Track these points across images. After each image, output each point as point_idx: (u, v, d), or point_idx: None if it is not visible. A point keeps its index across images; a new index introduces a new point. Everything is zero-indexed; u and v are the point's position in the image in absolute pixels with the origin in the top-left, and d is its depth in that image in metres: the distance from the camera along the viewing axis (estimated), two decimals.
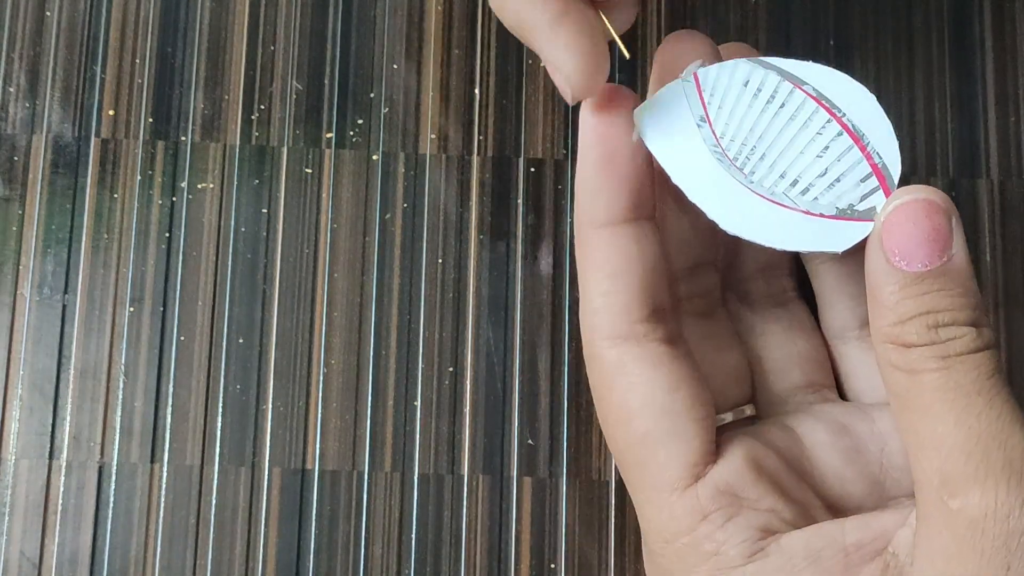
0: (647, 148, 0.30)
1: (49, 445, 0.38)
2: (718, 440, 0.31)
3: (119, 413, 0.38)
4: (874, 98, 0.30)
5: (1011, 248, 0.40)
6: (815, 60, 0.31)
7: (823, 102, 0.30)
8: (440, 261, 0.39)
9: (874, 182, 0.30)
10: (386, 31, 0.41)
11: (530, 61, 0.41)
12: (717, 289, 0.35)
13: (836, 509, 0.31)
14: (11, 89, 0.40)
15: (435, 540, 0.37)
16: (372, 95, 0.40)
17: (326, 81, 0.40)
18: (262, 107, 0.40)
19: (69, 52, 0.40)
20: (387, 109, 0.40)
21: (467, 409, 0.38)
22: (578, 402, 0.38)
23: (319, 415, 0.38)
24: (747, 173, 0.30)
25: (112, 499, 0.37)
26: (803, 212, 0.29)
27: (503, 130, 0.40)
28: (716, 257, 0.35)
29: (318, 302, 0.39)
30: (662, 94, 0.31)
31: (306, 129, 0.40)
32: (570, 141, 0.40)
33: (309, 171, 0.40)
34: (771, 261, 0.36)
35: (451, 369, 0.38)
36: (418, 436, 0.38)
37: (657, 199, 0.32)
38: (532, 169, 0.40)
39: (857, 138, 0.30)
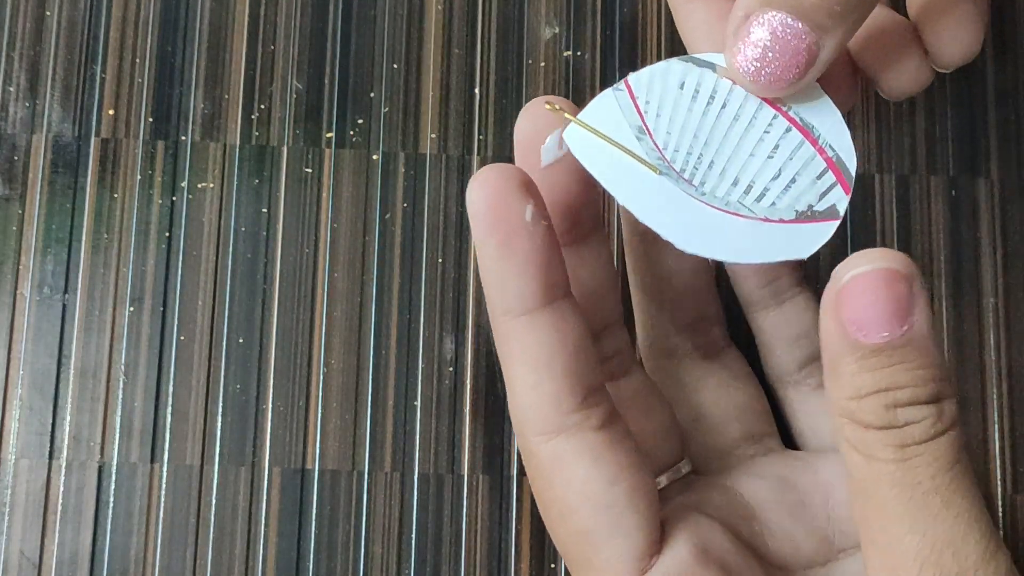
0: (584, 171, 0.28)
1: (49, 445, 0.38)
2: (663, 519, 0.30)
3: (119, 413, 0.38)
4: (817, 85, 0.28)
5: (1011, 247, 0.40)
6: None
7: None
8: (440, 261, 0.39)
9: (831, 178, 0.28)
10: (386, 31, 0.41)
11: (530, 61, 0.41)
12: (628, 347, 0.33)
13: (786, 568, 0.31)
14: (11, 89, 0.40)
15: (435, 540, 0.37)
16: (372, 95, 0.40)
17: (326, 81, 0.40)
18: (262, 107, 0.40)
19: (69, 52, 0.40)
20: (387, 109, 0.40)
21: (467, 409, 0.38)
22: None
23: (319, 415, 0.38)
24: (697, 184, 0.28)
25: (112, 499, 0.37)
26: (761, 220, 0.27)
27: (503, 130, 0.40)
28: (621, 316, 0.33)
29: (318, 302, 0.39)
30: (593, 107, 0.28)
31: (306, 129, 0.40)
32: None
33: (309, 171, 0.40)
34: (699, 313, 0.34)
35: (451, 369, 0.38)
36: (418, 436, 0.38)
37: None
38: None
39: (807, 132, 0.28)
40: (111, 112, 0.40)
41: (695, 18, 0.31)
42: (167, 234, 0.39)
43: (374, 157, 0.40)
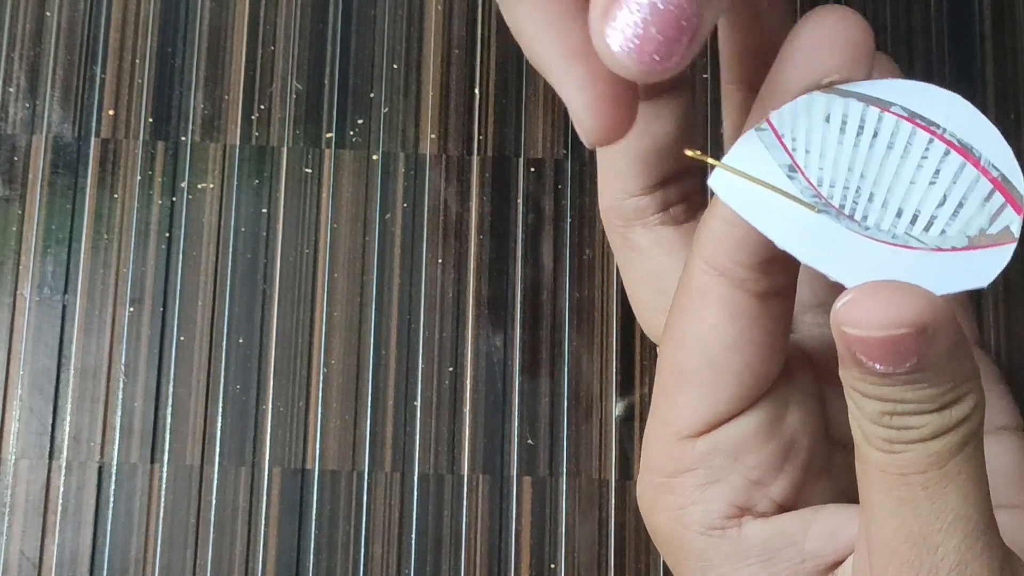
0: (740, 217, 0.27)
1: (49, 445, 0.38)
2: None
3: (119, 413, 0.38)
4: (970, 104, 0.27)
5: None
6: None
7: (918, 121, 0.27)
8: (440, 261, 0.39)
9: (999, 199, 0.26)
10: (386, 31, 0.41)
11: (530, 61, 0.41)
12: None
13: (847, 446, 0.29)
14: (11, 89, 0.40)
15: (435, 540, 0.37)
16: (372, 95, 0.40)
17: (326, 81, 0.40)
18: (262, 107, 0.40)
19: (69, 52, 0.40)
20: (387, 109, 0.40)
21: (467, 409, 0.38)
22: (578, 402, 0.38)
23: (319, 415, 0.38)
24: (860, 220, 0.26)
25: (112, 499, 0.37)
26: (933, 250, 0.26)
27: (503, 130, 0.40)
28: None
29: (318, 302, 0.39)
30: (737, 150, 0.27)
31: (306, 129, 0.40)
32: (570, 141, 0.40)
33: (309, 171, 0.40)
34: None
35: (451, 369, 0.38)
36: (418, 436, 0.38)
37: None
38: (532, 169, 0.40)
39: (967, 153, 0.27)
40: (111, 112, 0.40)
41: (537, 19, 0.29)
42: (167, 234, 0.39)
43: (374, 157, 0.40)
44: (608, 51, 0.26)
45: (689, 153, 0.28)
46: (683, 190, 0.31)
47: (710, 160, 0.27)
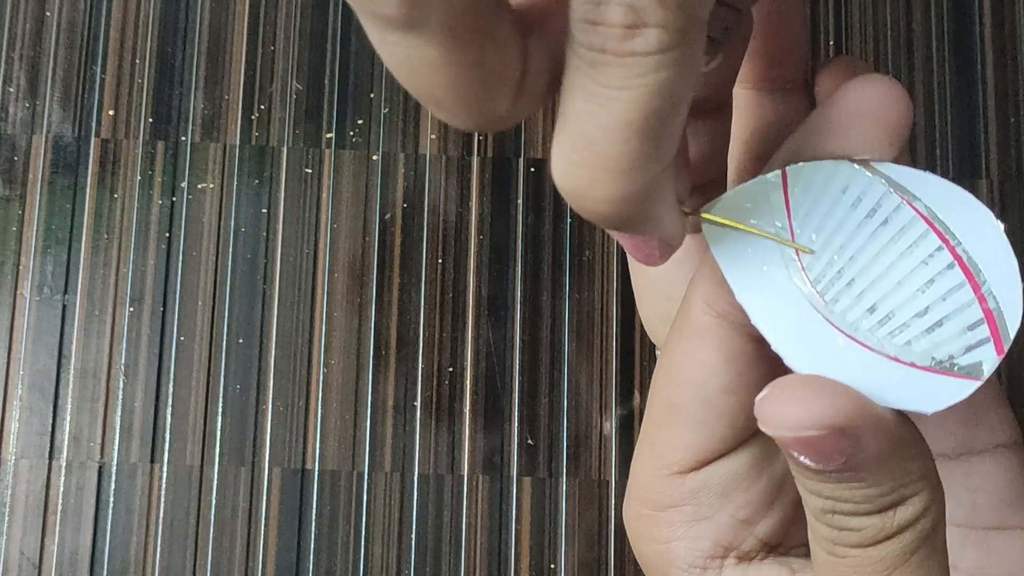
0: (713, 256, 0.26)
1: (49, 445, 0.38)
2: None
3: (119, 413, 0.38)
4: (1000, 226, 0.25)
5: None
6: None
7: (935, 224, 0.25)
8: (440, 261, 0.39)
9: (984, 332, 0.24)
10: None
11: None
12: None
13: None
14: (11, 89, 0.40)
15: (435, 540, 0.37)
16: (372, 95, 0.40)
17: (326, 81, 0.40)
18: (262, 107, 0.40)
19: (69, 52, 0.40)
20: (387, 109, 0.40)
21: (467, 409, 0.38)
22: (578, 402, 0.38)
23: (319, 415, 0.38)
24: (828, 300, 0.25)
25: (112, 499, 0.37)
26: (889, 358, 0.24)
27: (503, 130, 0.40)
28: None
29: (318, 302, 0.39)
30: (740, 190, 0.26)
31: (306, 129, 0.40)
32: None
33: (309, 171, 0.40)
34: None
35: (451, 369, 0.38)
36: (418, 436, 0.38)
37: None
38: (532, 169, 0.40)
39: (971, 274, 0.25)
40: (111, 112, 0.40)
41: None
42: (167, 234, 0.39)
43: (374, 157, 0.40)
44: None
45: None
46: (705, 198, 0.30)
47: (692, 213, 0.26)
